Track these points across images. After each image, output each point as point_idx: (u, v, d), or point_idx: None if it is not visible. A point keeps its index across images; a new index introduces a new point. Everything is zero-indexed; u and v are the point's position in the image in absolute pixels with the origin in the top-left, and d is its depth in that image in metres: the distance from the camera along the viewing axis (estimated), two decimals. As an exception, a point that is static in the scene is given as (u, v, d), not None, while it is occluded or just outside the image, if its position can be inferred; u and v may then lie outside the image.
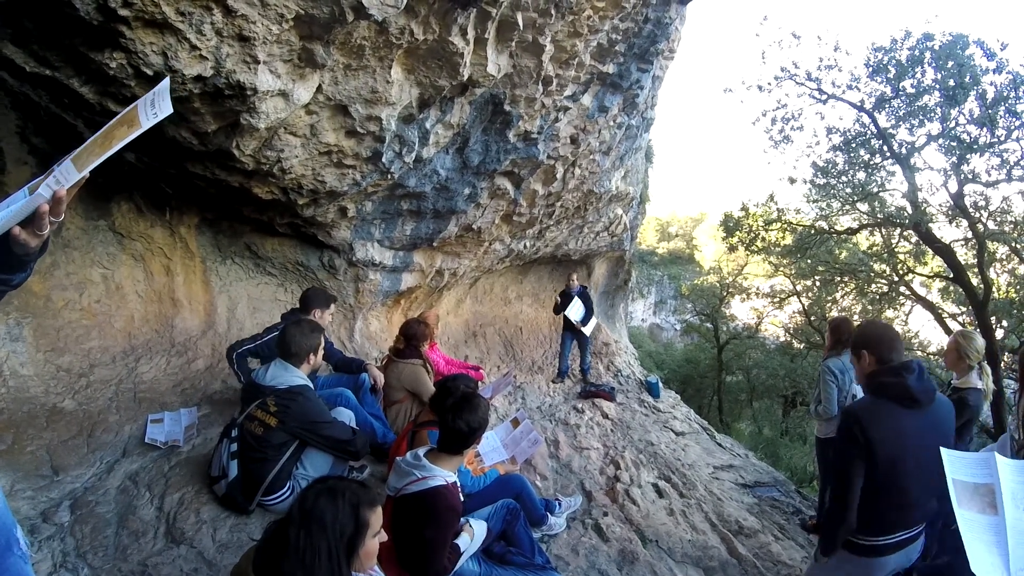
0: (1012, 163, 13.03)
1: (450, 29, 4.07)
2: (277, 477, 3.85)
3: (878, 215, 14.84)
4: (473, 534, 3.66)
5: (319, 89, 3.89)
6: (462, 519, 3.69)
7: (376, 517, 2.26)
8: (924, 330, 20.17)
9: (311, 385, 4.13)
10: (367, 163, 4.87)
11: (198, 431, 4.87)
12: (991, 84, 12.25)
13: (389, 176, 5.25)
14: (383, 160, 4.89)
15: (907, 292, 18.04)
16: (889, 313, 19.74)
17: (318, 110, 4.08)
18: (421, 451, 3.48)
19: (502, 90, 5.39)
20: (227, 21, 2.95)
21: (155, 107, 1.42)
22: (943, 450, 2.25)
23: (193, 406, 5.18)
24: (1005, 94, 12.00)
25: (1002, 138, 12.65)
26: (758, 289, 25.75)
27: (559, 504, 5.29)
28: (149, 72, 2.96)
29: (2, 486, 1.78)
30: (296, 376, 4.01)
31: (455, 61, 4.37)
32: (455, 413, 3.42)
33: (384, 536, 2.37)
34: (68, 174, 1.30)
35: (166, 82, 1.46)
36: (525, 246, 9.46)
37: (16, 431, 4.16)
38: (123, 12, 2.65)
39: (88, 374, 4.91)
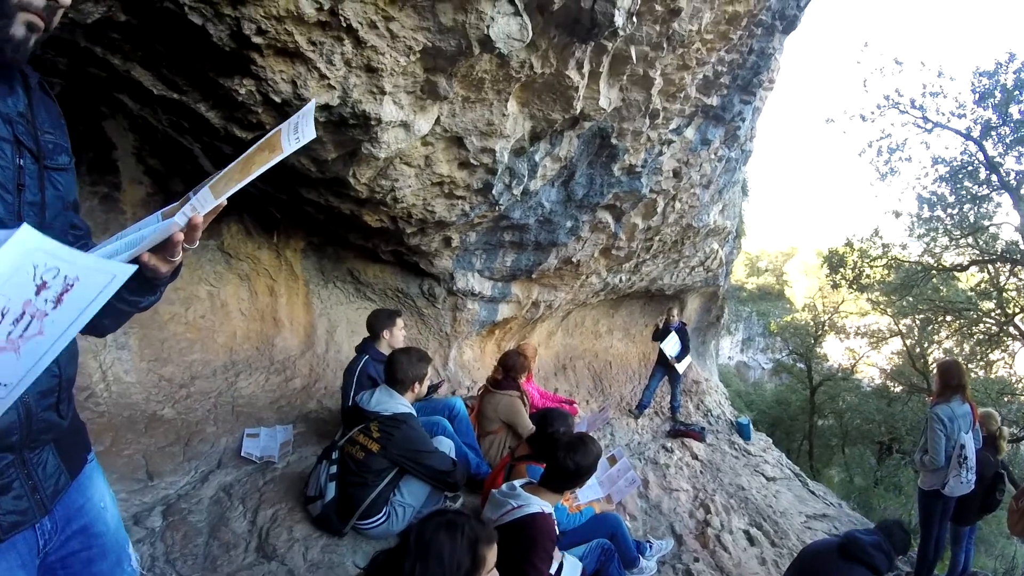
0: None
1: (567, 63, 4.06)
2: (375, 502, 3.83)
3: (989, 251, 14.17)
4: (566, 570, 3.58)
5: (437, 121, 3.92)
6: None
7: (492, 554, 2.21)
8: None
9: (415, 414, 4.11)
10: (477, 195, 4.90)
11: (293, 448, 4.92)
12: None
13: (497, 208, 5.26)
14: (493, 192, 4.91)
15: (1016, 333, 16.98)
16: (994, 356, 18.69)
17: (434, 141, 4.12)
18: (518, 483, 3.44)
19: (610, 123, 5.37)
20: (357, 52, 3.00)
21: (298, 131, 1.39)
22: None
23: (289, 423, 5.25)
24: None
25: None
26: (859, 328, 24.64)
27: (650, 546, 5.16)
28: (277, 100, 3.02)
29: (112, 498, 1.79)
30: (401, 403, 3.98)
31: (569, 95, 4.36)
32: (567, 452, 3.38)
33: (496, 574, 2.29)
34: (205, 201, 1.27)
35: (311, 106, 1.43)
36: (621, 280, 9.36)
37: (115, 434, 4.28)
38: (256, 40, 2.72)
39: (189, 385, 5.04)
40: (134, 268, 1.12)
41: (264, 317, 5.90)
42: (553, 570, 3.47)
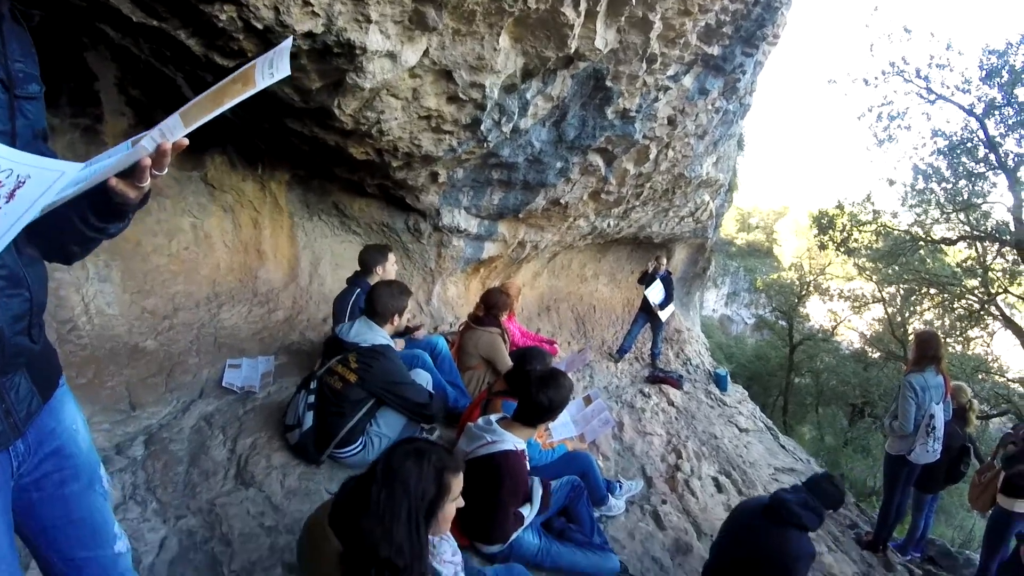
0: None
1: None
2: (351, 432, 3.86)
3: (979, 228, 14.20)
4: (534, 500, 3.66)
5: (426, 53, 3.83)
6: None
7: (457, 483, 2.25)
8: (1007, 354, 19.33)
9: (393, 345, 4.13)
10: (465, 130, 4.82)
11: (274, 379, 4.94)
12: None
13: (485, 144, 5.18)
14: (481, 128, 4.83)
15: (996, 312, 17.22)
16: (973, 332, 19.01)
17: (422, 74, 4.02)
18: (494, 417, 3.48)
19: (606, 65, 5.25)
20: (342, -22, 2.90)
21: (273, 67, 1.37)
22: None
23: (271, 355, 5.25)
24: None
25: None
26: (842, 291, 24.81)
27: (620, 486, 5.24)
28: (259, 26, 2.93)
29: (84, 421, 1.80)
30: (379, 335, 4.02)
31: (564, 33, 4.26)
32: (539, 387, 3.41)
33: (461, 502, 2.36)
34: (174, 128, 1.26)
35: (288, 42, 1.40)
36: (609, 225, 9.33)
37: (97, 366, 4.28)
38: (237, -39, 2.61)
39: (171, 316, 5.03)
40: (81, 165, 1.11)
41: (248, 249, 5.86)
42: (523, 510, 3.53)
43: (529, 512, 3.57)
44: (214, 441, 4.01)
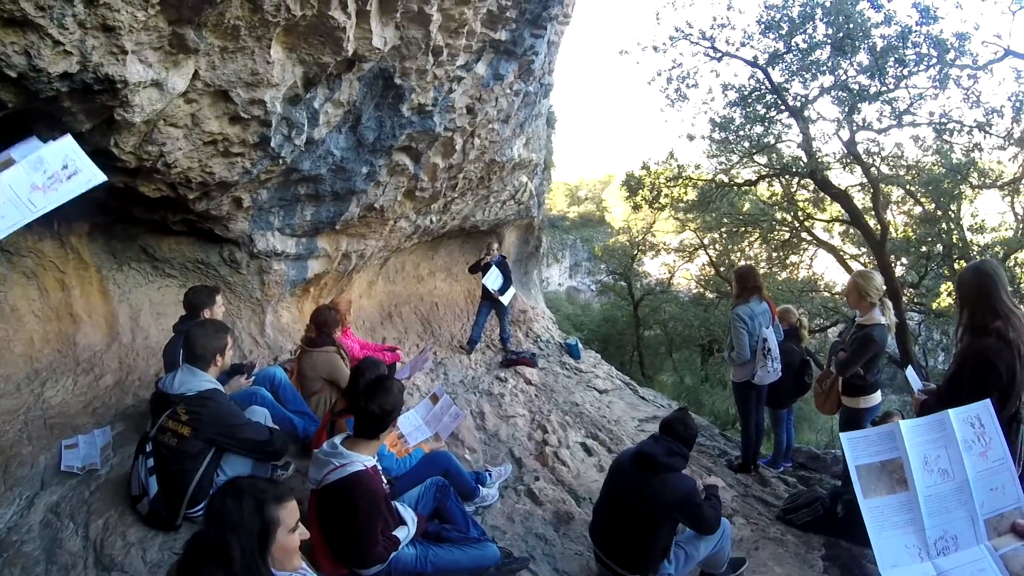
0: (901, 110, 13.64)
1: (329, 3, 3.95)
2: (199, 487, 3.73)
3: (776, 166, 15.26)
4: (408, 522, 3.67)
5: (196, 76, 3.72)
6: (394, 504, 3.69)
7: (287, 513, 2.27)
8: (828, 272, 21.02)
9: (221, 388, 4.01)
10: (255, 149, 4.71)
11: (115, 451, 4.66)
12: (880, 36, 12.71)
13: (281, 161, 5.08)
14: (272, 145, 4.74)
15: (809, 237, 18.87)
16: (793, 258, 20.61)
17: (198, 98, 3.91)
18: (338, 439, 3.47)
19: (391, 63, 5.26)
20: (89, 12, 2.78)
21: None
22: (843, 437, 2.13)
23: (107, 425, 4.94)
24: (894, 44, 12.48)
25: (891, 87, 13.23)
26: (667, 245, 26.53)
27: (489, 475, 5.35)
28: (13, 74, 2.76)
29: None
30: (205, 380, 3.88)
31: (337, 36, 4.25)
32: (367, 397, 3.42)
33: (306, 533, 2.40)
34: None
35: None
36: (431, 221, 9.37)
37: (-73, 479, 3.92)
38: (-22, 13, 2.47)
39: (-7, 406, 4.64)
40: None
41: (60, 315, 5.49)
42: (398, 533, 3.54)
43: (406, 535, 3.58)
44: (65, 532, 3.78)
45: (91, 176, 2.25)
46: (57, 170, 2.14)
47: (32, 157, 2.34)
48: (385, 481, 3.61)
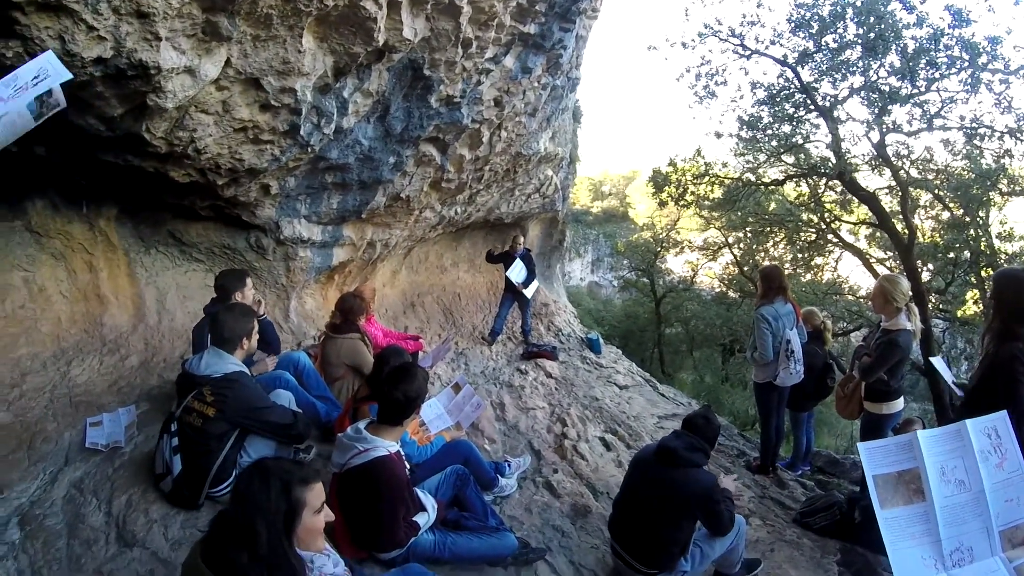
0: (932, 113, 13.31)
1: (361, -7, 3.97)
2: (222, 468, 3.76)
3: (803, 166, 15.08)
4: (428, 509, 3.69)
5: (228, 63, 3.76)
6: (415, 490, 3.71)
7: (313, 495, 2.27)
8: (853, 275, 20.76)
9: (247, 371, 4.04)
10: (285, 137, 4.75)
11: (139, 429, 4.69)
12: (912, 38, 12.45)
13: (309, 149, 5.12)
14: (301, 133, 4.77)
15: (835, 239, 18.53)
16: (818, 260, 20.31)
17: (229, 85, 3.95)
18: (362, 424, 3.48)
19: (420, 55, 5.28)
20: (123, -3, 2.83)
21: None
22: (861, 447, 2.17)
23: (131, 404, 4.98)
24: (925, 46, 12.22)
25: (922, 89, 12.91)
26: (691, 242, 26.35)
27: (509, 465, 5.35)
28: (47, 59, 2.81)
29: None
30: (231, 363, 3.89)
31: (368, 27, 4.27)
32: (392, 384, 3.43)
33: (331, 515, 2.39)
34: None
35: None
36: (456, 212, 9.40)
37: (-47, 452, 3.99)
38: (15, -4, 2.51)
39: (20, 384, 4.69)
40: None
41: (87, 296, 5.54)
42: (419, 519, 3.57)
43: (425, 520, 3.61)
44: (88, 507, 3.82)
45: (58, 77, 2.14)
46: (27, 81, 2.07)
47: (7, 77, 2.24)
48: (407, 467, 3.64)
